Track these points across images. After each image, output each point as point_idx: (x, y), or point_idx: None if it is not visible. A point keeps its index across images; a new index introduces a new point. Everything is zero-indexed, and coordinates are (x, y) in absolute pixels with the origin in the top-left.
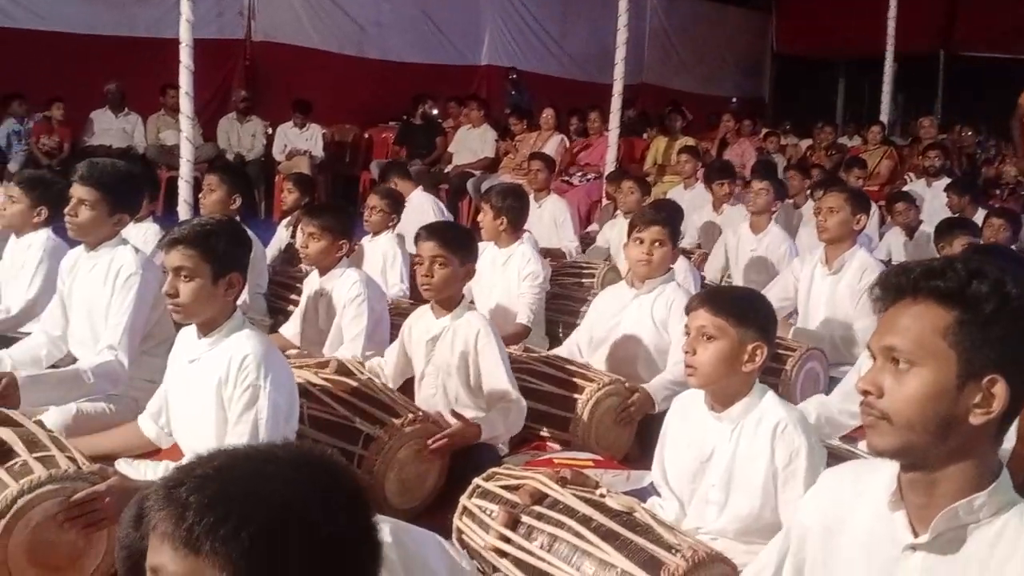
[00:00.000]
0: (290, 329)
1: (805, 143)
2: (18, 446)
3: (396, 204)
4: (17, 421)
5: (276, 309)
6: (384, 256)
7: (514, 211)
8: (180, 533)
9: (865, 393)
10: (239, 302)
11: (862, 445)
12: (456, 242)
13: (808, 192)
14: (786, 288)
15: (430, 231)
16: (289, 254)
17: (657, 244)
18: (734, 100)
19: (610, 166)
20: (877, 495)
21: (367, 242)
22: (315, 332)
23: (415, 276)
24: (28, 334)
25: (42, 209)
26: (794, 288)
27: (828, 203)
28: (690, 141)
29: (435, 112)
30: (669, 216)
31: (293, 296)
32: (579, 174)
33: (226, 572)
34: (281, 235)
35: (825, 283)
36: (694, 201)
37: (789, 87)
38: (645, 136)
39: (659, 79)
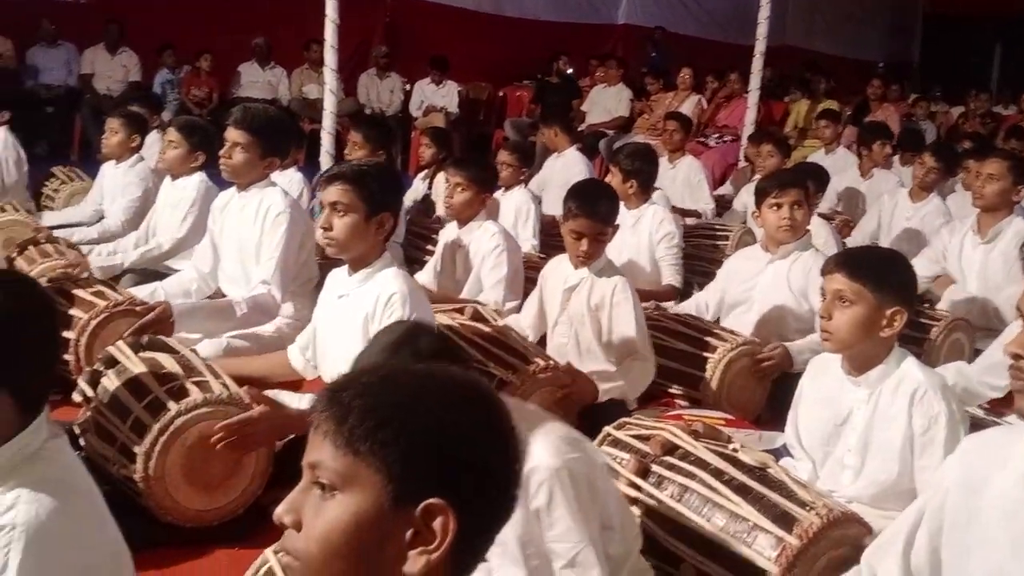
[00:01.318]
0: (423, 278)
1: (956, 111)
2: (176, 371)
3: (526, 159)
4: (174, 348)
5: (411, 259)
6: (517, 211)
7: (643, 174)
8: (342, 433)
9: (1016, 357)
10: None
11: (1010, 418)
12: (610, 212)
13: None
14: (935, 256)
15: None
16: (425, 206)
17: (796, 207)
18: (881, 64)
19: (749, 128)
20: (1022, 462)
21: (499, 196)
22: (451, 283)
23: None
24: (177, 270)
25: (199, 155)
26: (943, 256)
27: (988, 169)
28: (833, 105)
29: (571, 71)
30: (807, 178)
31: (428, 247)
32: (715, 136)
33: (380, 474)
34: (417, 188)
35: (977, 252)
36: (835, 165)
37: (940, 50)
38: (786, 99)
39: (802, 40)
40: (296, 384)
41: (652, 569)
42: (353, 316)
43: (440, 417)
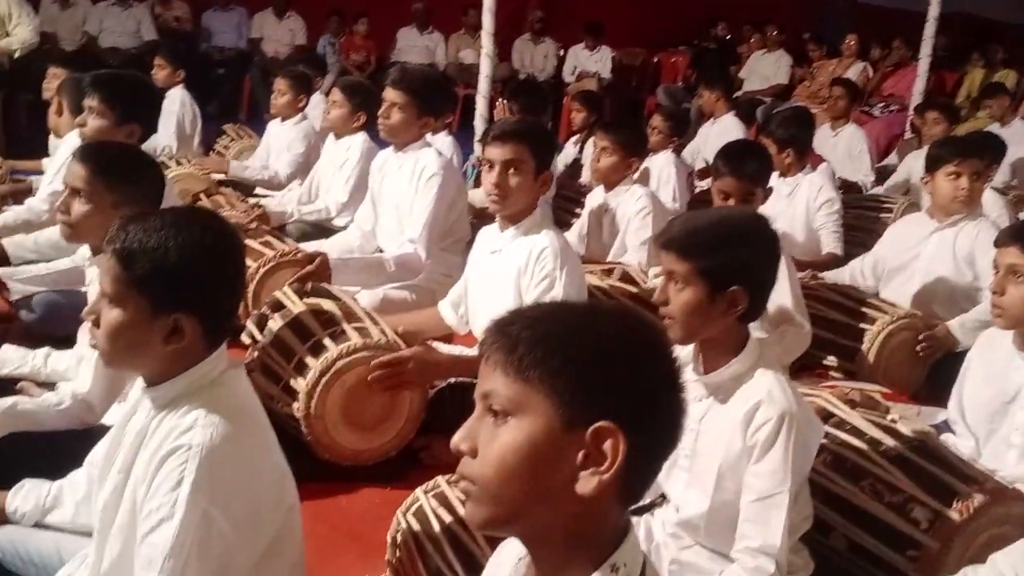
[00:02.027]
0: (569, 240)
1: None
2: (338, 316)
3: (679, 126)
4: (336, 295)
5: (559, 222)
6: (659, 174)
7: (798, 141)
8: (512, 362)
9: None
10: None
11: None
12: (758, 173)
13: None
14: None
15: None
16: (575, 170)
17: (975, 178)
18: None
19: (917, 98)
20: None
21: (647, 161)
22: (598, 247)
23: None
24: (343, 228)
25: (361, 115)
26: None
27: None
28: (1009, 76)
29: (728, 36)
30: (985, 148)
31: (576, 210)
32: (880, 105)
33: (550, 399)
34: (568, 152)
35: None
36: (1011, 138)
37: None
38: (961, 69)
39: (978, 7)
40: (447, 339)
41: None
42: (505, 271)
43: (605, 345)
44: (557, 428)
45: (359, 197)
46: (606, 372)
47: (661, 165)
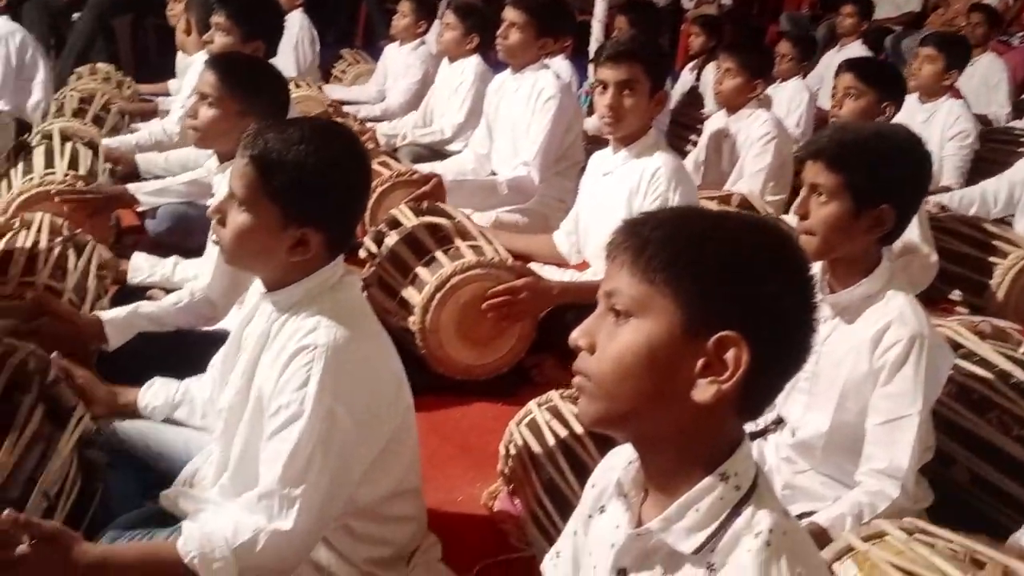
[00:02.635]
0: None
1: None
2: (452, 233)
3: (806, 52)
4: (451, 214)
5: (675, 151)
6: (789, 102)
7: (958, 58)
8: (639, 263)
9: None
10: None
11: None
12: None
13: None
14: None
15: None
16: (692, 98)
17: None
18: None
19: None
20: None
21: (773, 89)
22: (716, 174)
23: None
24: (458, 152)
25: (474, 36)
26: None
27: None
28: None
29: None
30: None
31: (692, 137)
32: (1021, 35)
33: (675, 303)
34: (685, 79)
35: None
36: None
37: None
38: None
39: None
40: (559, 264)
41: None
42: (617, 192)
43: (736, 252)
44: (678, 333)
45: (474, 121)
46: (735, 280)
47: (791, 93)
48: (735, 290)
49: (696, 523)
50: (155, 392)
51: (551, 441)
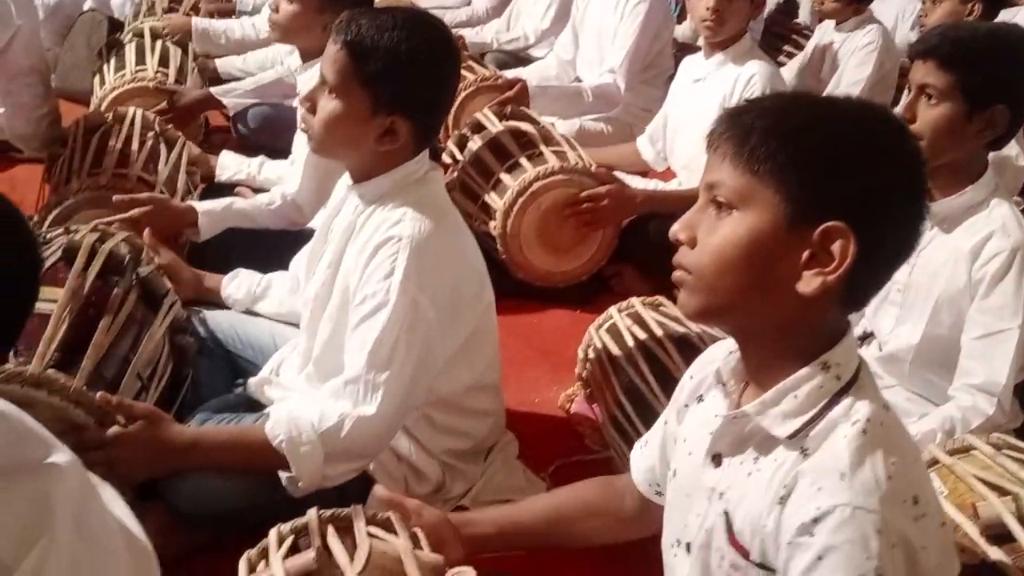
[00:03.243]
0: (784, 76)
1: None
2: (536, 139)
3: None
4: (535, 119)
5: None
6: (899, 12)
7: None
8: (741, 154)
9: None
10: None
11: None
12: None
13: None
14: None
15: None
16: (788, 6)
17: None
18: None
19: None
20: None
21: (879, 2)
22: (814, 83)
23: None
24: (541, 58)
25: None
26: None
27: None
28: None
29: None
30: None
31: (785, 47)
32: None
33: (779, 194)
34: None
35: None
36: None
37: None
38: None
39: None
40: (642, 174)
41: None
42: (708, 99)
43: (843, 141)
44: (783, 226)
45: (559, 26)
46: (842, 170)
47: (903, 6)
48: (842, 180)
49: (793, 409)
50: (238, 284)
51: (632, 345)
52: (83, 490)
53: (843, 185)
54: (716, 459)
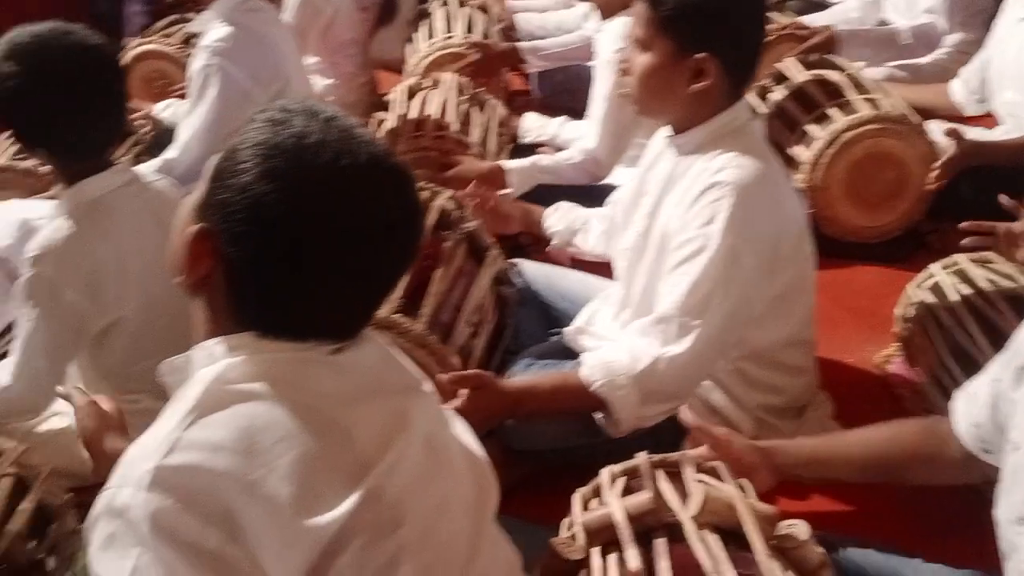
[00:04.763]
0: None
1: None
2: (845, 86)
3: None
4: (843, 66)
5: None
6: None
7: None
8: None
9: None
10: None
11: None
12: None
13: None
14: None
15: None
16: None
17: None
18: None
19: None
20: None
21: None
22: None
23: None
24: (837, 1)
25: None
26: None
27: None
28: None
29: None
30: None
31: None
32: None
33: None
34: None
35: None
36: None
37: None
38: None
39: None
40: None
41: None
42: None
43: None
44: None
45: None
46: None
47: None
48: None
49: None
50: (559, 216)
51: (958, 304)
52: (437, 415)
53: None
54: None
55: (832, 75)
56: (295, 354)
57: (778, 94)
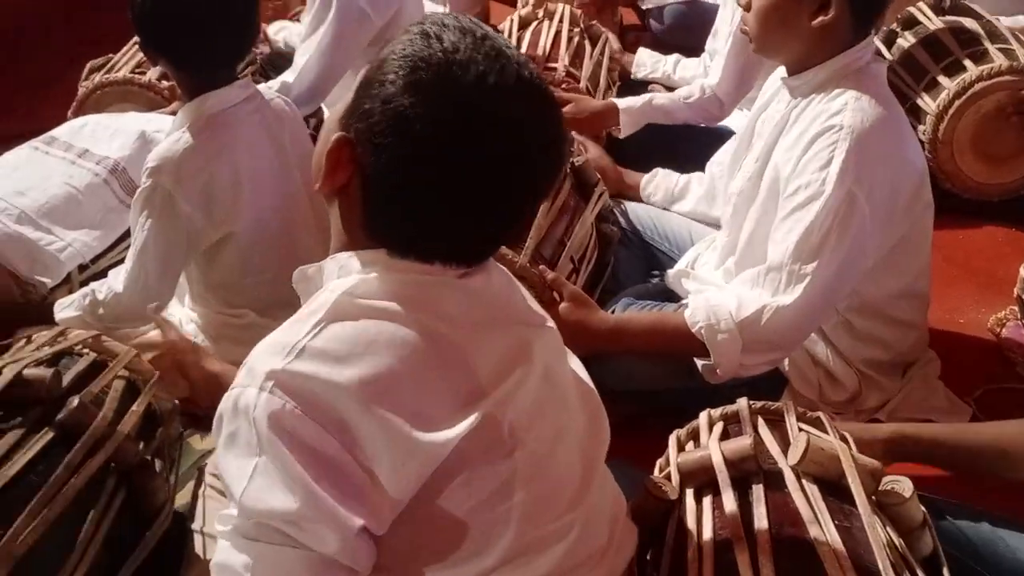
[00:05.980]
0: None
1: None
2: (980, 35)
3: None
4: (979, 14)
5: None
6: None
7: None
8: None
9: None
10: None
11: None
12: None
13: None
14: None
15: None
16: None
17: None
18: None
19: None
20: None
21: None
22: None
23: None
24: None
25: None
26: None
27: None
28: None
29: None
30: None
31: None
32: None
33: None
34: None
35: None
36: None
37: None
38: None
39: None
40: None
41: None
42: None
43: None
44: None
45: None
46: None
47: None
48: None
49: None
50: (657, 183)
51: None
52: (558, 350)
53: None
54: None
55: (967, 23)
56: (425, 277)
57: (906, 40)
